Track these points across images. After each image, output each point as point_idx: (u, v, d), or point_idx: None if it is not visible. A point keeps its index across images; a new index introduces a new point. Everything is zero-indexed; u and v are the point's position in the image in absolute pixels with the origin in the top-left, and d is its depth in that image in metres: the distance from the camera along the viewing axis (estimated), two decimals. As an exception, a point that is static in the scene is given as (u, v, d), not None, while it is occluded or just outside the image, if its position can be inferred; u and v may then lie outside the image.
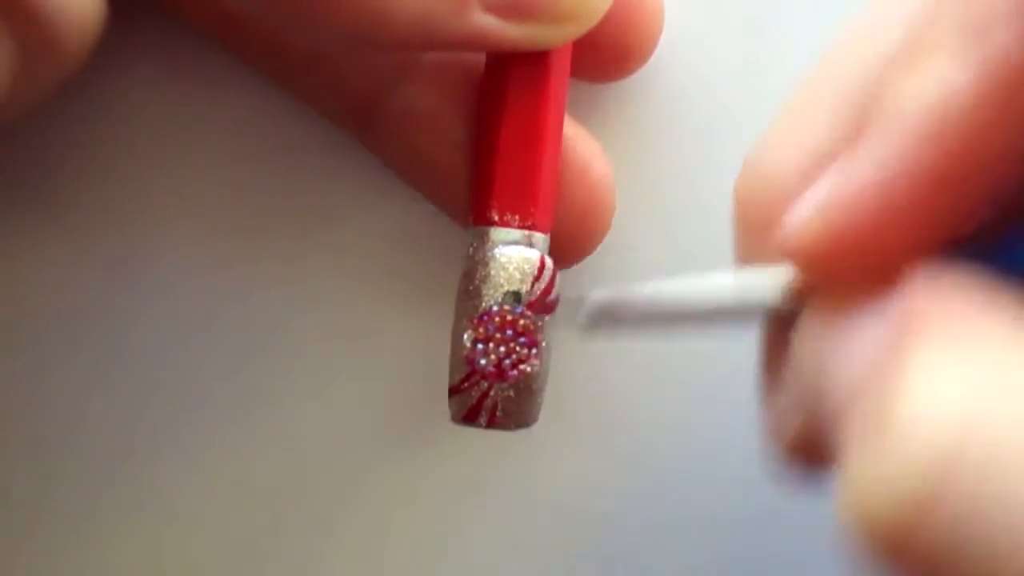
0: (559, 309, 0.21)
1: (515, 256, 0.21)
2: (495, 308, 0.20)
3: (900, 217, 0.14)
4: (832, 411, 0.14)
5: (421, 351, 0.24)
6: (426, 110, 0.22)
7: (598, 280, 0.24)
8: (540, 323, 0.21)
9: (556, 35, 0.20)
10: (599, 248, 0.23)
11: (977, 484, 0.12)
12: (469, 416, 0.21)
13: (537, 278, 0.21)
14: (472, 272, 0.21)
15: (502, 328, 0.20)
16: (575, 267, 0.23)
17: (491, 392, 0.20)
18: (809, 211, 0.15)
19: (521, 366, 0.21)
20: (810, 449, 0.17)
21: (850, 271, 0.15)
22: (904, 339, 0.13)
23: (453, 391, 0.21)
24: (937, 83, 0.14)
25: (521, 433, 0.21)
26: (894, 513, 0.12)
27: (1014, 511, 0.12)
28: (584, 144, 0.22)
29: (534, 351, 0.21)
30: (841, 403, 0.14)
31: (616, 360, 0.24)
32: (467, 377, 0.21)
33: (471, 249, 0.21)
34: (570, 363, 0.23)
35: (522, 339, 0.20)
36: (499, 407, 0.21)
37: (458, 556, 0.24)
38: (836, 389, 0.14)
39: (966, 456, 0.12)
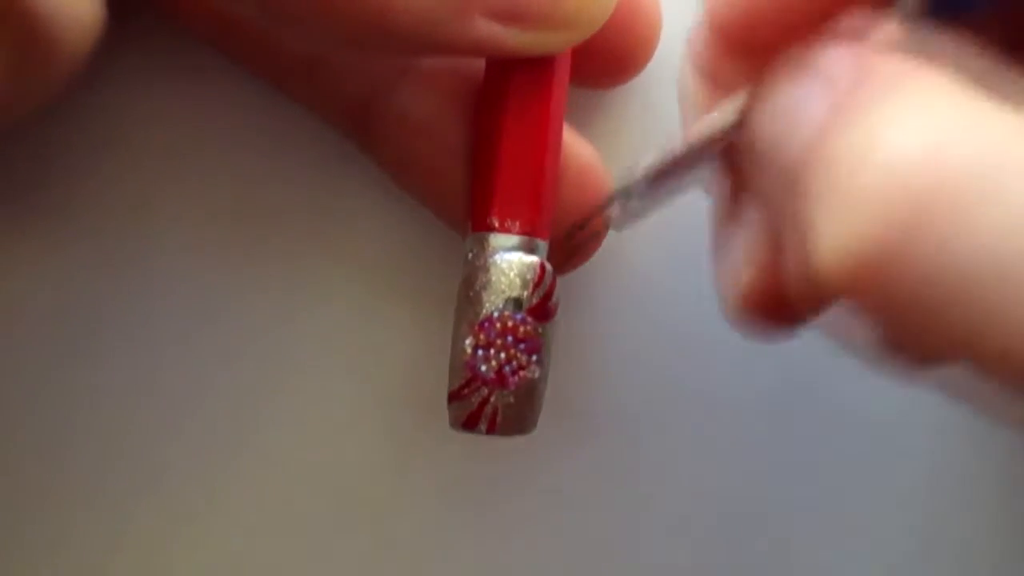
0: (559, 312, 0.21)
1: (516, 262, 0.20)
2: (496, 314, 0.20)
3: None
4: (790, 181, 0.15)
5: (418, 356, 0.24)
6: (422, 115, 0.22)
7: (597, 286, 0.24)
8: (541, 329, 0.21)
9: (557, 42, 0.20)
10: (597, 254, 0.23)
11: (949, 224, 0.13)
12: (469, 422, 0.21)
13: (538, 284, 0.21)
14: (472, 278, 0.21)
15: (503, 334, 0.20)
16: (574, 272, 0.23)
17: (491, 399, 0.20)
18: None
19: (522, 373, 0.20)
20: (765, 297, 0.18)
21: (777, 30, 0.16)
22: (860, 92, 0.14)
23: (452, 397, 0.21)
24: None
25: (519, 438, 0.21)
26: (869, 252, 0.13)
27: (985, 245, 0.13)
28: (582, 150, 0.22)
29: (535, 358, 0.21)
30: (800, 163, 0.15)
31: (616, 362, 0.24)
32: (467, 383, 0.20)
33: (470, 255, 0.21)
34: (570, 367, 0.23)
35: (523, 345, 0.20)
36: (499, 414, 0.20)
37: (456, 561, 0.24)
38: (792, 154, 0.15)
39: (938, 197, 0.13)
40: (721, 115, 0.18)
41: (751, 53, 0.17)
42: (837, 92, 0.15)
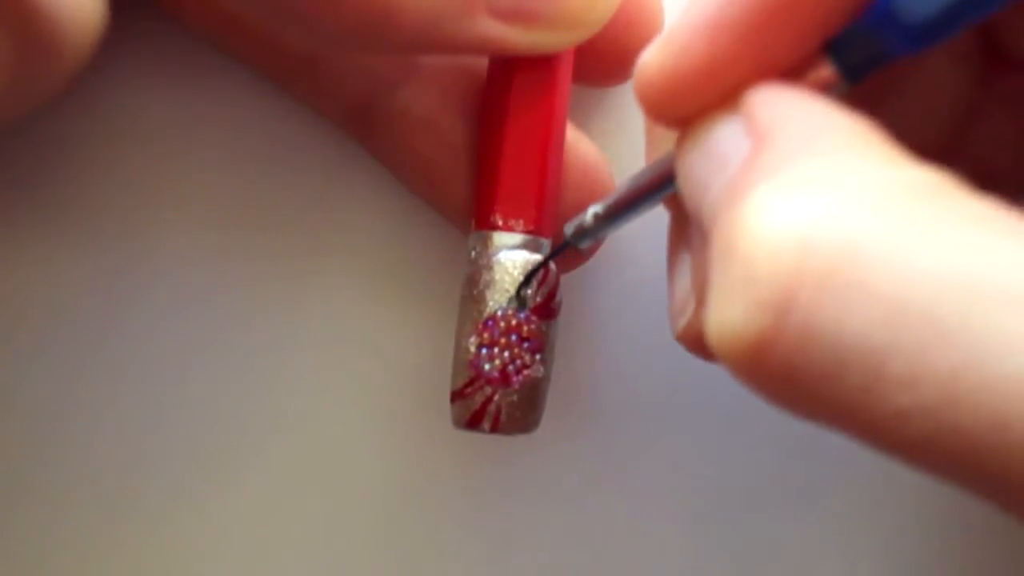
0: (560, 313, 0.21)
1: (519, 260, 0.20)
2: (500, 313, 0.20)
3: (734, 42, 0.15)
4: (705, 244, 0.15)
5: (421, 355, 0.23)
6: (424, 113, 0.22)
7: (599, 283, 0.24)
8: (544, 328, 0.21)
9: (561, 40, 0.20)
10: (599, 252, 0.23)
11: (816, 306, 0.12)
12: (472, 421, 0.21)
13: (541, 283, 0.21)
14: (476, 276, 0.21)
15: (507, 333, 0.20)
16: (576, 270, 0.23)
17: (495, 398, 0.20)
18: (652, 49, 0.16)
19: (526, 372, 0.20)
20: (702, 340, 0.17)
21: (695, 100, 0.16)
22: (752, 165, 0.14)
23: (456, 396, 0.21)
24: None
25: (521, 437, 0.21)
26: (745, 338, 0.13)
27: (853, 326, 0.12)
28: (585, 148, 0.22)
29: (539, 356, 0.20)
30: (708, 228, 0.15)
31: (617, 360, 0.24)
32: (471, 382, 0.20)
33: (473, 253, 0.21)
34: (571, 366, 0.23)
35: (526, 344, 0.20)
36: (503, 413, 0.20)
37: (458, 559, 0.24)
38: (704, 218, 0.15)
39: (803, 281, 0.12)
40: (657, 164, 0.18)
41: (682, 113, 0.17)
42: (732, 164, 0.15)
